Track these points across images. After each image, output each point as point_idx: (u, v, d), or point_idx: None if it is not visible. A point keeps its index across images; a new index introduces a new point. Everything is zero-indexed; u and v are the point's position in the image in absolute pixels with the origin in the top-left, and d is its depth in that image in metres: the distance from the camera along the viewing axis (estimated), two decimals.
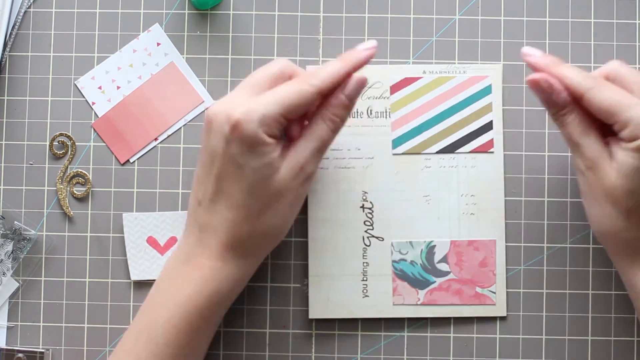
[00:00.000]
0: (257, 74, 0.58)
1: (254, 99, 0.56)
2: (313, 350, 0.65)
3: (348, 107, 0.58)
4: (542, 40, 0.66)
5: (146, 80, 0.66)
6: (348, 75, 0.57)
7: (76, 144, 0.66)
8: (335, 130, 0.58)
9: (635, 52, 0.66)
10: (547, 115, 0.65)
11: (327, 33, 0.67)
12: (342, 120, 0.58)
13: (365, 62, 0.57)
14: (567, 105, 0.57)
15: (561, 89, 0.56)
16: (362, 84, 0.57)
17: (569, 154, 0.65)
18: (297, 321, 0.65)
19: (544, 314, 0.65)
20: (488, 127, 0.65)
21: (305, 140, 0.57)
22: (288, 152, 0.57)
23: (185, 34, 0.67)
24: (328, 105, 0.57)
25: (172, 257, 0.60)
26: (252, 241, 0.58)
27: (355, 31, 0.66)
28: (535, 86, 0.57)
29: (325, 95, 0.57)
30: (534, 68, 0.58)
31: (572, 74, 0.56)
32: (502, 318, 0.65)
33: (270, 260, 0.65)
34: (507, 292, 0.65)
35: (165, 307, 0.57)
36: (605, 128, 0.57)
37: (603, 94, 0.55)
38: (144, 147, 0.66)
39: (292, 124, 0.58)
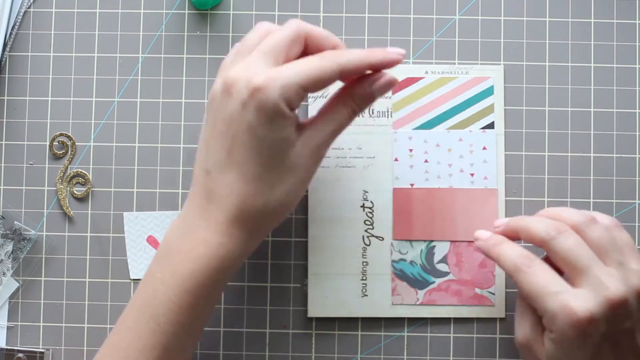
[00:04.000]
0: (272, 40, 0.55)
1: (274, 69, 0.54)
2: (313, 350, 0.65)
3: (371, 101, 0.57)
4: (542, 40, 0.66)
5: None
6: (369, 67, 0.56)
7: (76, 144, 0.66)
8: (352, 118, 0.57)
9: (635, 52, 0.66)
10: (547, 115, 0.66)
11: None
12: (361, 111, 0.58)
13: (390, 64, 0.56)
14: None
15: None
16: (392, 84, 0.57)
17: (569, 154, 0.65)
18: (297, 321, 0.65)
19: None
20: (490, 127, 0.65)
21: (324, 123, 0.56)
22: (304, 130, 0.56)
23: (185, 34, 0.67)
24: (352, 94, 0.57)
25: (173, 227, 0.57)
26: (261, 216, 0.55)
27: (355, 31, 0.66)
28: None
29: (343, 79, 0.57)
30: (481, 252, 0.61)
31: (506, 255, 0.58)
32: (502, 318, 0.65)
33: (270, 260, 0.65)
34: (506, 292, 0.65)
35: (166, 284, 0.55)
36: None
37: (528, 279, 0.56)
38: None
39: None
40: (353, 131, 0.65)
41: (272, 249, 0.65)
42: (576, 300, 0.54)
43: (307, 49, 0.57)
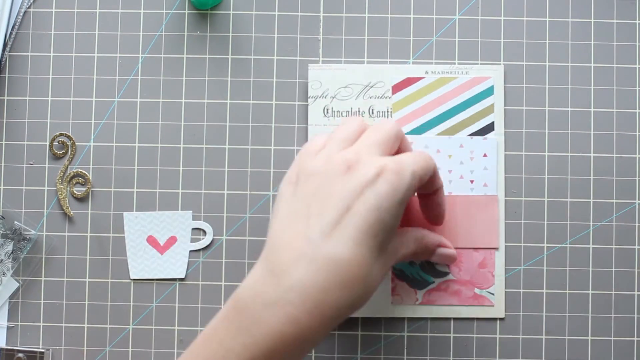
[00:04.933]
0: (380, 134, 0.55)
1: (396, 157, 0.54)
2: (313, 350, 0.65)
3: (427, 257, 0.62)
4: (542, 40, 0.66)
5: None
6: (438, 182, 0.59)
7: (76, 144, 0.66)
8: (411, 259, 0.63)
9: (636, 52, 0.66)
10: (547, 115, 0.66)
11: (327, 33, 0.67)
12: (417, 259, 0.64)
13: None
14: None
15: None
16: (452, 261, 0.63)
17: (569, 154, 0.65)
18: None
19: (544, 314, 0.65)
20: (490, 128, 0.65)
21: (402, 245, 0.58)
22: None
23: (185, 34, 0.67)
24: (420, 238, 0.60)
25: (251, 287, 0.52)
26: (354, 306, 0.52)
27: (355, 31, 0.66)
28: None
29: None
30: None
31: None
32: (502, 318, 0.65)
33: None
34: (506, 292, 0.65)
35: (239, 355, 0.50)
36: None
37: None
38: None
39: None
40: None
41: None
42: None
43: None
